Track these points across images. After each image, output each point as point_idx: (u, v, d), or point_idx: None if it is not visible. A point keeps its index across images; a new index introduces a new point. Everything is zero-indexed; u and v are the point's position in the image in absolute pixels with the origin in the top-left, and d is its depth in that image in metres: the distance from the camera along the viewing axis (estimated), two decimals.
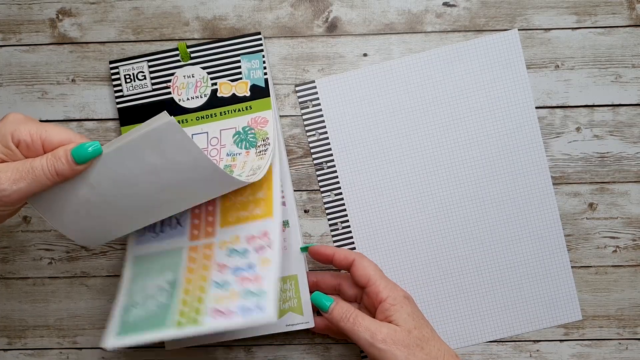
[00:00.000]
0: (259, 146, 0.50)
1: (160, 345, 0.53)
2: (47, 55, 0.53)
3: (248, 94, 0.51)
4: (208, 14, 0.52)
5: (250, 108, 0.51)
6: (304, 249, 0.51)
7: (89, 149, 0.39)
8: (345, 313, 0.45)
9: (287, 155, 0.53)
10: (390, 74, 0.52)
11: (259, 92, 0.51)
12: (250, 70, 0.51)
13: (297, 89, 0.52)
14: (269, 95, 0.51)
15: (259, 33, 0.51)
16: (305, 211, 0.53)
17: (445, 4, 0.52)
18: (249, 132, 0.51)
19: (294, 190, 0.53)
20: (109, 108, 0.53)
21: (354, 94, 0.52)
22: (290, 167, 0.53)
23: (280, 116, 0.53)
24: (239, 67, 0.51)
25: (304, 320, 0.50)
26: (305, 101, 0.52)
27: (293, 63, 0.52)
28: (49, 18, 0.53)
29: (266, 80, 0.51)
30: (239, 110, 0.51)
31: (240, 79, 0.51)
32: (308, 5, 0.52)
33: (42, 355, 0.54)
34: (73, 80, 0.53)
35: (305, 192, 0.53)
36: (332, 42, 0.52)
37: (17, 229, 0.53)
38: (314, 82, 0.52)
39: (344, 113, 0.52)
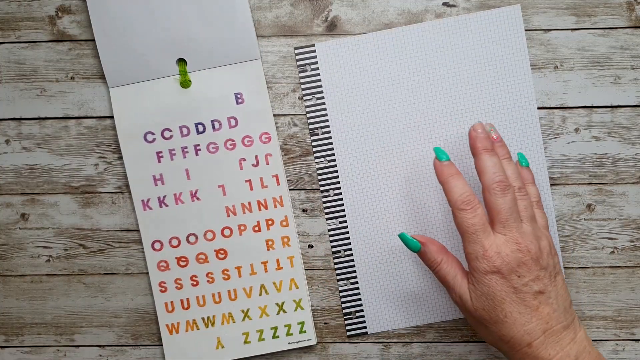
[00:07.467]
0: None
1: (157, 343, 0.53)
2: (46, 52, 0.53)
3: None
4: None
5: None
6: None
7: None
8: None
9: (286, 154, 0.53)
10: (392, 42, 0.52)
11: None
12: None
13: (297, 51, 0.52)
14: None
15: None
16: (304, 210, 0.53)
17: (445, 4, 0.52)
18: None
19: (290, 190, 0.53)
20: (108, 106, 0.53)
21: (353, 60, 0.52)
22: (289, 166, 0.53)
23: (279, 115, 0.53)
24: None
25: (307, 337, 0.53)
26: (304, 64, 0.52)
27: (292, 62, 0.52)
28: (48, 15, 0.53)
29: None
30: None
31: None
32: (308, 4, 0.52)
33: (39, 352, 0.54)
34: (72, 78, 0.53)
35: (303, 192, 0.53)
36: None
37: (15, 226, 0.53)
38: (313, 45, 0.52)
39: (343, 79, 0.52)
